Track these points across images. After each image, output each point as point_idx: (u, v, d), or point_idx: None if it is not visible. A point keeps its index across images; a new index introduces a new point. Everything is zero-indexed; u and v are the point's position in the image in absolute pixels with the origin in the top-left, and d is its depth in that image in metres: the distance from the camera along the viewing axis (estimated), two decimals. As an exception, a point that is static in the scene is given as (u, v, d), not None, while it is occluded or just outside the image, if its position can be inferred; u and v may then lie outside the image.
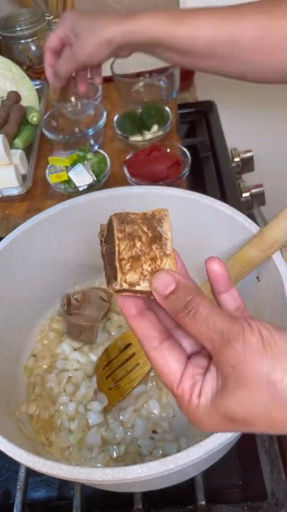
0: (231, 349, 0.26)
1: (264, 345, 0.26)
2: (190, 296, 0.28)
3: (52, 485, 0.50)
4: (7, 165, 0.74)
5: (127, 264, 0.30)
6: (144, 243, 0.30)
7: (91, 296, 0.57)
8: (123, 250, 0.30)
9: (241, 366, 0.26)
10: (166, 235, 0.31)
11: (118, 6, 1.12)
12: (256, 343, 0.26)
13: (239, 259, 0.47)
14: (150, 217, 0.32)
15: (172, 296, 0.29)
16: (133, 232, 0.31)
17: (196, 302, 0.28)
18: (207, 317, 0.27)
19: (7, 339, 0.52)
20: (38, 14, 0.96)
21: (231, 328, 0.26)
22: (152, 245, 0.30)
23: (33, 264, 0.54)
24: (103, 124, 0.80)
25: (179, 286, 0.29)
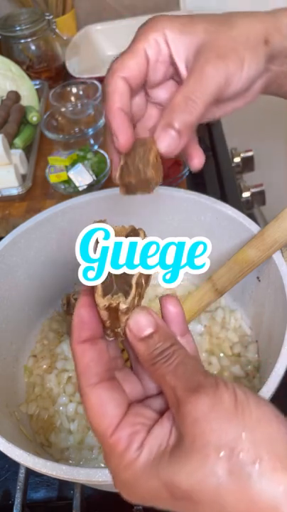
0: (197, 399, 0.22)
1: (236, 406, 0.22)
2: (169, 343, 0.25)
3: (52, 485, 0.50)
4: (7, 165, 0.74)
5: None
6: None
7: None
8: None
9: (203, 424, 0.22)
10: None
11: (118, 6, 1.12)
12: (228, 400, 0.22)
13: (239, 259, 0.47)
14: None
15: (150, 339, 0.25)
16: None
17: (172, 349, 0.25)
18: (179, 364, 0.24)
19: (7, 339, 0.52)
20: (38, 14, 0.96)
21: (203, 378, 0.23)
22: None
23: (33, 264, 0.54)
24: (103, 123, 0.80)
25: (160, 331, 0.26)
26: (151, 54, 0.38)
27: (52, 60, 1.00)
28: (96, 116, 0.82)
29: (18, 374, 0.55)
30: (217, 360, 0.52)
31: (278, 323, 0.43)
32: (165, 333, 0.26)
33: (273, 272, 0.45)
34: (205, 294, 0.50)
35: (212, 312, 0.56)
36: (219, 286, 0.49)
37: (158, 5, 1.11)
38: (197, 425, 0.22)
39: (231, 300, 0.57)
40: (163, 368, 0.24)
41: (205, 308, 0.51)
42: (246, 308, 0.55)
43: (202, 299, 0.50)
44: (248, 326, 0.55)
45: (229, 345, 0.54)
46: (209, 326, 0.55)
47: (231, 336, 0.54)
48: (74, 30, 1.09)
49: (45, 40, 0.97)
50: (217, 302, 0.56)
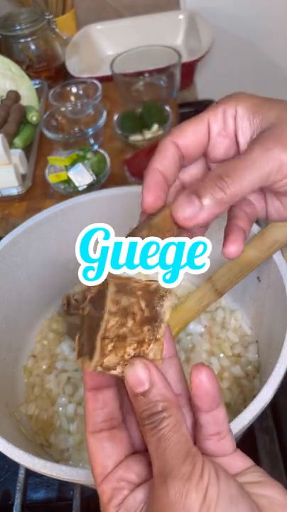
0: (164, 489, 0.22)
1: (202, 507, 0.21)
2: (159, 407, 0.24)
3: (52, 486, 0.50)
4: (7, 164, 0.73)
5: (110, 343, 0.25)
6: (136, 322, 0.25)
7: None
8: (111, 328, 0.25)
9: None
10: (163, 316, 0.26)
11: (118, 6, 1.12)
12: (195, 499, 0.21)
13: (239, 260, 0.47)
14: (153, 292, 0.26)
15: (141, 398, 0.24)
16: (129, 308, 0.25)
17: (160, 416, 0.23)
18: (161, 439, 0.23)
19: (6, 339, 0.52)
20: (38, 13, 0.95)
21: (178, 465, 0.22)
22: (144, 326, 0.26)
23: (33, 264, 0.54)
24: (103, 123, 0.80)
25: (153, 391, 0.24)
26: (215, 127, 0.34)
27: (52, 60, 1.00)
28: (96, 116, 0.82)
29: (17, 374, 0.55)
30: (217, 360, 0.52)
31: (278, 323, 0.43)
32: (159, 394, 0.24)
33: (274, 272, 0.45)
34: (205, 294, 0.50)
35: (212, 312, 0.56)
36: (218, 286, 0.49)
37: (158, 5, 1.11)
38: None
39: (232, 300, 0.57)
40: (148, 435, 0.24)
41: (205, 308, 0.51)
42: (247, 308, 0.55)
43: (202, 299, 0.50)
44: (249, 326, 0.55)
45: (229, 345, 0.53)
46: (210, 326, 0.55)
47: (232, 336, 0.54)
48: (74, 29, 1.09)
49: (44, 40, 0.97)
50: (217, 302, 0.56)
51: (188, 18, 1.05)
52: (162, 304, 0.26)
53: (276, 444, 0.48)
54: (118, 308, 0.25)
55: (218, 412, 0.25)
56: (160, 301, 0.26)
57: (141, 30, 1.04)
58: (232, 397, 0.49)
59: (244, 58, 1.21)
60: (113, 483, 0.24)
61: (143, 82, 0.88)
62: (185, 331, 0.54)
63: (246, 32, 1.17)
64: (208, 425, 0.25)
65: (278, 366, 0.37)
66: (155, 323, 0.26)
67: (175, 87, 0.88)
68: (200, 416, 0.25)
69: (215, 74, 1.16)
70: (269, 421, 0.50)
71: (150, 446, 0.23)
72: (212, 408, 0.25)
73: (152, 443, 0.23)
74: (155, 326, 0.26)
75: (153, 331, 0.26)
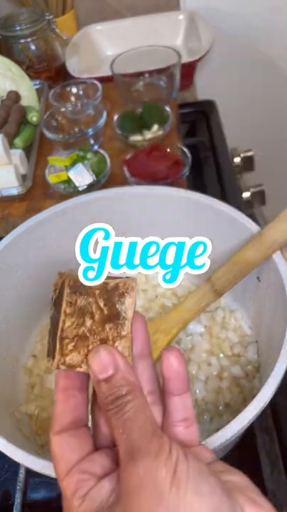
0: (132, 468, 0.21)
1: (172, 482, 0.21)
2: (123, 391, 0.24)
3: (52, 486, 0.50)
4: (7, 165, 0.73)
5: (70, 343, 0.25)
6: (96, 321, 0.26)
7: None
8: (68, 328, 0.25)
9: (133, 497, 0.21)
10: (126, 313, 0.26)
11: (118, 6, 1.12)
12: (164, 475, 0.21)
13: (238, 260, 0.47)
14: (112, 290, 0.26)
15: (105, 384, 0.24)
16: (86, 308, 0.26)
17: (125, 400, 0.24)
18: (126, 421, 0.23)
19: (7, 339, 0.52)
20: (38, 14, 0.95)
21: (146, 444, 0.22)
22: (105, 324, 0.26)
23: (33, 264, 0.54)
24: (103, 123, 0.80)
25: (117, 376, 0.24)
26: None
27: (52, 60, 1.00)
28: (96, 116, 0.82)
29: (17, 374, 0.55)
30: (217, 360, 0.52)
31: (278, 323, 0.43)
32: (123, 377, 0.24)
33: (274, 272, 0.45)
34: (204, 294, 0.50)
35: (212, 312, 0.56)
36: (218, 286, 0.49)
37: (158, 5, 1.11)
38: (129, 497, 0.21)
39: (232, 300, 0.57)
40: (113, 419, 0.24)
41: (205, 308, 0.51)
42: (246, 308, 0.55)
43: (201, 299, 0.50)
44: (248, 326, 0.55)
45: (229, 345, 0.53)
46: (210, 326, 0.55)
47: (231, 336, 0.54)
48: (74, 30, 1.09)
49: (45, 40, 0.97)
50: (217, 302, 0.56)
51: (188, 18, 1.05)
52: (123, 301, 0.26)
53: (276, 443, 0.49)
54: (73, 309, 0.25)
55: (186, 397, 0.26)
56: (121, 299, 0.26)
57: (141, 31, 1.04)
58: (232, 397, 0.49)
59: (244, 58, 1.21)
60: (77, 475, 0.24)
61: (143, 83, 0.88)
62: (185, 331, 0.54)
63: (246, 32, 1.17)
64: (177, 410, 0.26)
65: (278, 366, 0.37)
66: (118, 321, 0.26)
67: (175, 87, 0.88)
68: (170, 401, 0.26)
69: (215, 74, 1.16)
70: (269, 421, 0.50)
71: (116, 430, 0.23)
72: (181, 391, 0.26)
73: (117, 426, 0.23)
74: (119, 324, 0.26)
75: (116, 329, 0.26)
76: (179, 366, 0.26)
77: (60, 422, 0.26)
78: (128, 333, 0.26)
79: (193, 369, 0.52)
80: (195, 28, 1.02)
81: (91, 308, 0.26)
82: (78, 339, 0.25)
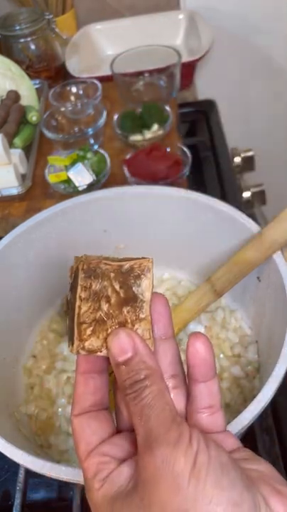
0: (150, 457, 0.21)
1: (191, 473, 0.20)
2: (142, 375, 0.23)
3: (52, 486, 0.50)
4: (6, 164, 0.73)
5: (88, 328, 0.25)
6: (113, 305, 0.25)
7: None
8: (85, 313, 0.25)
9: (151, 486, 0.20)
10: (143, 296, 0.25)
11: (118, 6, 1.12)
12: (183, 466, 0.20)
13: (238, 260, 0.47)
14: (127, 272, 0.25)
15: (124, 367, 0.24)
16: (101, 291, 0.25)
17: (143, 385, 0.23)
18: (144, 407, 0.22)
19: (6, 339, 0.52)
20: (38, 13, 0.95)
21: (164, 432, 0.21)
22: (123, 308, 0.25)
23: (33, 264, 0.54)
24: (103, 123, 0.80)
25: (135, 359, 0.24)
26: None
27: (52, 60, 1.00)
28: (96, 116, 0.82)
29: (17, 374, 0.55)
30: (217, 360, 0.52)
31: (278, 324, 0.43)
32: (142, 361, 0.24)
33: (274, 272, 0.45)
34: (204, 294, 0.50)
35: (212, 312, 0.56)
36: (218, 287, 0.49)
37: (158, 4, 1.11)
38: (146, 486, 0.21)
39: (232, 300, 0.57)
40: (131, 405, 0.23)
41: (205, 308, 0.51)
42: (247, 308, 0.55)
43: (201, 299, 0.50)
44: (249, 327, 0.55)
45: (229, 345, 0.53)
46: (210, 326, 0.55)
47: (232, 336, 0.54)
48: (74, 29, 1.09)
49: (44, 40, 0.97)
50: (217, 302, 0.56)
51: (188, 17, 1.05)
52: (139, 283, 0.25)
53: (276, 444, 0.48)
54: (88, 293, 0.25)
55: (212, 383, 0.25)
56: (137, 281, 0.25)
57: (141, 30, 1.04)
58: (232, 398, 0.49)
59: (244, 58, 1.21)
60: (98, 457, 0.24)
61: (143, 82, 0.88)
62: (185, 332, 0.54)
63: (246, 32, 1.17)
64: (202, 397, 0.25)
65: (278, 366, 0.37)
66: (136, 304, 0.25)
67: (175, 87, 0.88)
68: (195, 387, 0.25)
69: (215, 74, 1.16)
70: (269, 421, 0.50)
71: (134, 416, 0.23)
72: (207, 377, 0.25)
73: (135, 412, 0.23)
74: (137, 307, 0.25)
75: (134, 311, 0.25)
76: (206, 353, 0.25)
77: (81, 404, 0.25)
78: (147, 315, 0.25)
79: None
80: (194, 28, 1.02)
81: (107, 292, 0.25)
82: (96, 323, 0.25)
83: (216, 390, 0.25)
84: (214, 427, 0.25)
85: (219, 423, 0.26)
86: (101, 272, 0.25)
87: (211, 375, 0.25)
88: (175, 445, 0.21)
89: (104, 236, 0.57)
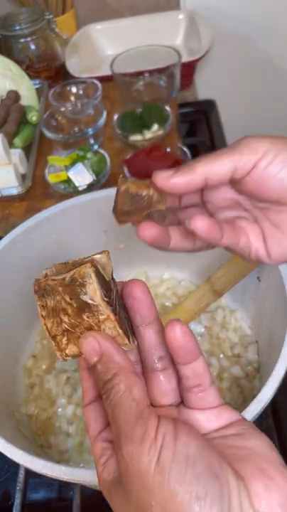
0: (119, 455, 0.22)
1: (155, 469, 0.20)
2: (109, 374, 0.24)
3: (52, 486, 0.50)
4: (6, 164, 0.73)
5: (63, 338, 0.26)
6: (72, 315, 0.26)
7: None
8: (52, 327, 0.26)
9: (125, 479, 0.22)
10: (93, 301, 0.25)
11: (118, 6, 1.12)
12: (148, 462, 0.21)
13: (237, 261, 0.47)
14: (70, 283, 0.26)
15: (95, 369, 0.25)
16: (57, 306, 0.26)
17: (111, 384, 0.24)
18: (114, 406, 0.23)
19: (7, 339, 0.52)
20: (38, 13, 0.95)
21: (130, 429, 0.22)
22: (82, 315, 0.26)
23: (33, 264, 0.54)
24: (103, 123, 0.80)
25: (102, 360, 0.25)
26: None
27: (52, 60, 1.00)
28: (96, 116, 0.82)
29: (17, 374, 0.55)
30: (217, 360, 0.52)
31: (278, 324, 0.43)
32: (108, 361, 0.25)
33: (274, 272, 0.45)
34: (204, 294, 0.50)
35: (212, 312, 0.56)
36: (217, 287, 0.49)
37: (158, 4, 1.11)
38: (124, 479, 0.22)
39: (232, 300, 0.57)
40: (105, 405, 0.24)
41: (205, 308, 0.51)
42: (247, 308, 0.55)
43: (201, 299, 0.50)
44: (249, 326, 0.55)
45: (229, 345, 0.53)
46: (210, 326, 0.55)
47: (232, 336, 0.54)
48: (74, 29, 1.09)
49: (44, 40, 0.97)
50: (217, 302, 0.56)
51: (188, 17, 1.05)
52: (85, 290, 0.25)
53: (276, 444, 0.48)
54: (48, 311, 0.26)
55: (197, 364, 0.25)
56: (82, 289, 0.26)
57: (141, 30, 1.04)
58: (232, 398, 0.49)
59: (244, 58, 1.21)
60: (100, 443, 0.26)
61: (143, 82, 0.87)
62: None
63: (246, 32, 1.17)
64: (188, 377, 0.26)
65: (278, 366, 0.37)
66: (91, 309, 0.25)
67: (175, 87, 0.88)
68: (180, 369, 0.26)
69: (215, 74, 1.16)
70: (269, 421, 0.50)
71: (109, 415, 0.24)
72: (188, 361, 0.25)
73: (108, 412, 0.24)
74: (93, 311, 0.25)
75: (93, 316, 0.26)
76: (183, 338, 0.25)
77: (87, 396, 0.28)
78: (107, 314, 0.25)
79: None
80: (194, 28, 1.02)
81: (62, 305, 0.26)
82: (67, 333, 0.26)
83: (201, 370, 0.26)
84: (205, 404, 0.26)
85: (211, 399, 0.26)
86: (51, 288, 0.26)
87: (193, 357, 0.25)
88: (140, 442, 0.21)
89: (104, 236, 0.57)
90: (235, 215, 0.35)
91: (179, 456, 0.21)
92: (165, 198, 0.32)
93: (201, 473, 0.21)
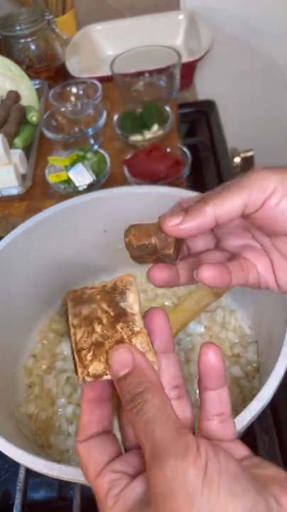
0: (158, 470, 0.21)
1: (203, 483, 0.20)
2: (141, 387, 0.23)
3: (52, 486, 0.50)
4: (7, 164, 0.73)
5: (88, 353, 0.25)
6: (106, 325, 0.26)
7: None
8: (81, 339, 0.26)
9: (164, 498, 0.20)
10: (132, 309, 0.26)
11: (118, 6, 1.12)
12: (194, 477, 0.20)
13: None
14: (111, 290, 0.26)
15: (124, 381, 0.24)
16: (91, 314, 0.26)
17: (143, 398, 0.23)
18: (148, 421, 0.22)
19: (7, 339, 0.52)
20: (38, 13, 0.95)
21: (170, 444, 0.21)
22: (116, 325, 0.26)
23: (33, 264, 0.54)
24: (103, 123, 0.80)
25: (134, 373, 0.24)
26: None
27: (52, 60, 1.00)
28: (96, 116, 0.82)
29: (17, 374, 0.55)
30: (217, 360, 0.52)
31: (278, 324, 0.43)
32: (140, 375, 0.24)
33: (273, 272, 0.45)
34: (204, 295, 0.50)
35: (212, 312, 0.56)
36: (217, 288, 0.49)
37: (158, 5, 1.11)
38: (160, 499, 0.21)
39: (232, 300, 0.57)
40: (135, 420, 0.23)
41: (205, 308, 0.51)
42: (246, 308, 0.55)
43: (201, 299, 0.50)
44: (248, 326, 0.55)
45: (229, 345, 0.54)
46: (210, 326, 0.55)
47: (231, 336, 0.54)
48: (74, 29, 1.09)
49: (44, 40, 0.97)
50: (217, 302, 0.56)
51: (188, 18, 1.05)
52: (125, 298, 0.26)
53: (276, 443, 0.48)
54: (80, 320, 0.26)
55: (223, 391, 0.26)
56: (123, 296, 0.26)
57: (141, 30, 1.04)
58: (232, 398, 0.49)
59: (244, 58, 1.21)
60: (108, 475, 0.24)
61: (143, 82, 0.88)
62: (185, 332, 0.54)
63: (246, 32, 1.17)
64: (212, 403, 0.26)
65: (278, 366, 0.37)
66: (127, 318, 0.26)
67: (175, 87, 0.88)
68: (206, 396, 0.26)
69: (215, 74, 1.16)
70: (269, 421, 0.50)
71: (139, 431, 0.23)
72: (217, 385, 0.25)
73: (140, 427, 0.23)
74: (129, 321, 0.26)
75: (127, 326, 0.26)
76: (216, 362, 0.25)
77: (86, 431, 0.26)
78: (141, 327, 0.26)
79: (193, 369, 0.52)
80: (195, 28, 1.02)
81: (97, 313, 0.26)
82: (94, 347, 0.25)
83: (226, 398, 0.26)
84: (224, 435, 0.26)
85: (230, 432, 0.26)
86: (88, 296, 0.26)
87: (221, 383, 0.26)
88: (184, 456, 0.21)
89: (103, 236, 0.57)
90: (243, 244, 0.34)
91: (225, 469, 0.21)
92: (171, 243, 0.31)
93: (248, 487, 0.21)
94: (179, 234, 0.30)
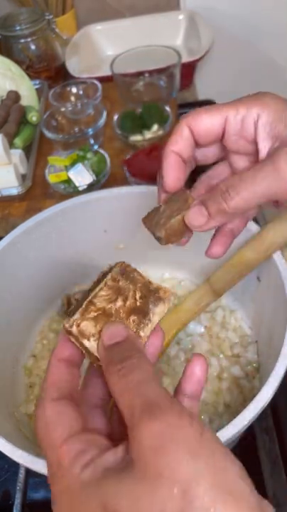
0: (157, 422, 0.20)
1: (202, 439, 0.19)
2: (132, 353, 0.24)
3: (52, 486, 0.50)
4: (7, 164, 0.73)
5: (93, 312, 0.26)
6: (125, 307, 0.27)
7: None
8: (101, 297, 0.26)
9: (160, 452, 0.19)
10: (153, 316, 0.27)
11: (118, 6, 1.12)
12: (193, 434, 0.19)
13: (237, 261, 0.47)
14: (152, 290, 0.28)
15: (116, 346, 0.24)
16: (124, 290, 0.27)
17: (134, 361, 0.23)
18: (141, 382, 0.22)
19: (7, 339, 0.52)
20: (38, 13, 0.95)
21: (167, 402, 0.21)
22: (131, 315, 0.26)
23: (33, 264, 0.54)
24: (103, 123, 0.80)
25: (126, 341, 0.24)
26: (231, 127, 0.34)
27: (52, 60, 1.00)
28: (96, 116, 0.82)
29: (17, 374, 0.55)
30: (217, 360, 0.52)
31: (278, 323, 0.43)
32: (133, 344, 0.24)
33: (274, 272, 0.45)
34: (203, 295, 0.50)
35: (212, 312, 0.56)
36: (217, 287, 0.49)
37: (158, 5, 1.11)
38: (149, 452, 0.19)
39: (232, 300, 0.57)
40: (122, 382, 0.22)
41: (204, 308, 0.51)
42: (246, 308, 0.55)
43: (200, 299, 0.50)
44: (248, 326, 0.55)
45: (228, 345, 0.53)
46: (210, 326, 0.55)
47: (231, 336, 0.54)
48: (74, 29, 1.09)
49: (44, 40, 0.97)
50: (217, 302, 0.56)
51: (188, 18, 1.05)
52: (157, 304, 0.27)
53: (276, 443, 0.48)
54: (114, 284, 0.27)
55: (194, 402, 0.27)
56: (156, 301, 0.27)
57: (141, 31, 1.04)
58: (232, 398, 0.49)
59: (244, 58, 1.21)
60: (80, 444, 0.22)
61: (143, 82, 0.88)
62: (185, 332, 0.54)
63: (246, 32, 1.17)
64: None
65: (278, 366, 0.37)
66: (143, 319, 0.27)
67: (175, 87, 0.88)
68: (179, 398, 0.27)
69: (215, 74, 1.16)
70: (269, 421, 0.50)
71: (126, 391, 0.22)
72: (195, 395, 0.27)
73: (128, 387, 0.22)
74: (142, 322, 0.26)
75: (138, 325, 0.26)
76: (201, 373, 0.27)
77: (56, 390, 0.24)
78: (145, 335, 0.26)
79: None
80: (195, 28, 1.02)
81: (128, 294, 0.27)
82: (101, 313, 0.26)
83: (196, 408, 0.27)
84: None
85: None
86: (133, 277, 0.28)
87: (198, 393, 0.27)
88: (180, 416, 0.20)
89: (104, 236, 0.57)
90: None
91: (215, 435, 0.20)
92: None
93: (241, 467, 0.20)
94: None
